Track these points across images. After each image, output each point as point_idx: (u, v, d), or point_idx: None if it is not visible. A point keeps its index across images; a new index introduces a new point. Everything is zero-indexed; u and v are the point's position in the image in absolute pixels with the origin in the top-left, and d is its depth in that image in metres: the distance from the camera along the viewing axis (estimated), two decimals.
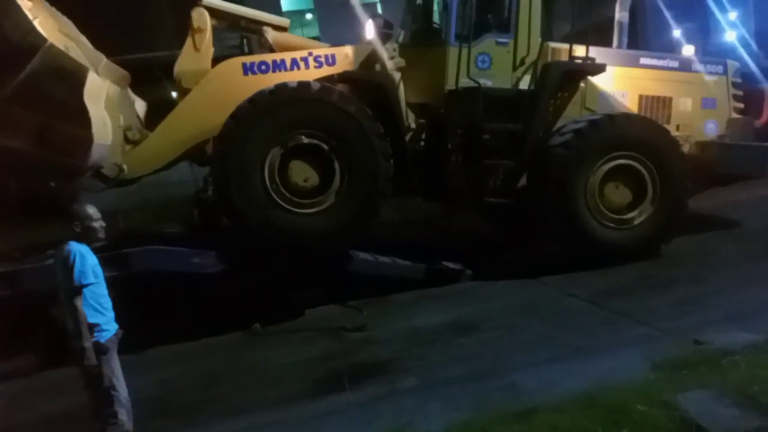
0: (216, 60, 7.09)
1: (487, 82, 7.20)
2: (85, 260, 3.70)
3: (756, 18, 16.66)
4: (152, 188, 11.75)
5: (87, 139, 5.79)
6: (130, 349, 4.08)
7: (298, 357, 5.63)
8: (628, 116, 7.45)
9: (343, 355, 5.51)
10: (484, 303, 6.51)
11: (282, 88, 6.45)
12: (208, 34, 7.00)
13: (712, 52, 12.19)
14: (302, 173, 6.54)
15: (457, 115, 7.31)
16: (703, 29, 15.72)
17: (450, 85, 7.22)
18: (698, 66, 8.24)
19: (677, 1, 13.93)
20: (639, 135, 7.18)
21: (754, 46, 13.96)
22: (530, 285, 6.96)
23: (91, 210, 3.85)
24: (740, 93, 8.31)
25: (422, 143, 7.50)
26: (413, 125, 7.41)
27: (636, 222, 7.20)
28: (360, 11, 8.32)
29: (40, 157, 5.68)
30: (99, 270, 3.81)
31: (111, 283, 3.99)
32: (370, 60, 7.11)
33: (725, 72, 8.28)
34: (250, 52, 8.34)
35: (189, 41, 6.99)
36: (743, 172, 7.87)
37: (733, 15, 16.23)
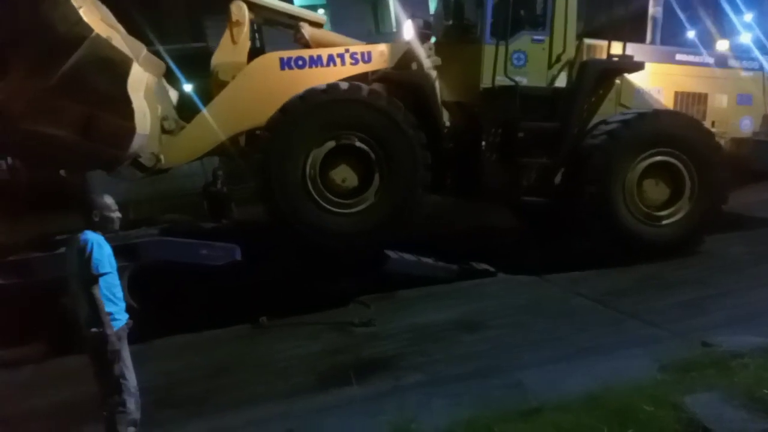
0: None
1: (522, 80, 7.17)
2: (102, 250, 3.73)
3: None
4: (162, 180, 11.86)
5: (130, 130, 5.96)
6: (139, 339, 4.10)
7: (304, 350, 5.65)
8: (670, 113, 7.43)
9: (349, 350, 5.52)
10: (490, 301, 6.50)
11: (334, 87, 6.56)
12: (246, 28, 7.17)
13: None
14: (342, 173, 6.67)
15: (493, 113, 7.30)
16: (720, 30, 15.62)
17: (485, 83, 7.21)
18: (734, 62, 8.19)
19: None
20: (679, 132, 7.14)
21: None
22: (537, 284, 6.96)
23: (109, 200, 3.88)
24: None
25: (455, 141, 7.48)
26: (447, 123, 7.44)
27: (673, 219, 7.19)
28: (399, 10, 8.32)
29: (83, 146, 5.80)
30: (113, 260, 3.84)
31: (121, 273, 4.03)
32: (406, 58, 7.21)
33: (761, 68, 8.22)
34: (262, 47, 8.40)
35: (227, 34, 7.16)
36: None
37: (748, 17, 16.10)
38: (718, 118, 7.92)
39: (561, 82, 7.36)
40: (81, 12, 5.65)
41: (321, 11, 23.79)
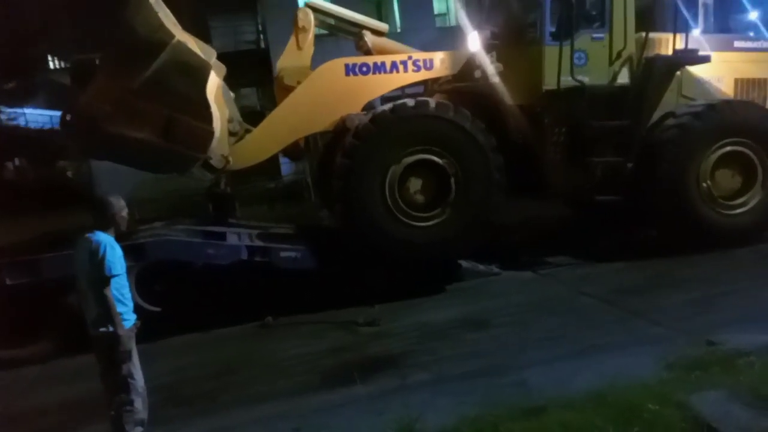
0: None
1: (584, 79, 7.18)
2: (115, 251, 3.76)
3: None
4: (168, 180, 11.92)
5: (209, 132, 6.20)
6: (146, 338, 4.13)
7: (309, 349, 5.68)
8: (740, 103, 7.43)
9: (354, 349, 5.54)
10: (496, 299, 6.51)
11: (401, 107, 6.74)
12: (311, 34, 7.46)
13: None
14: (420, 188, 6.83)
15: (558, 114, 7.33)
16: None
17: (548, 84, 7.16)
18: None
19: None
20: (750, 121, 7.20)
21: None
22: (543, 282, 6.96)
23: (120, 201, 3.91)
24: None
25: (519, 144, 7.48)
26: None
27: (747, 207, 7.27)
28: (466, 22, 8.46)
29: (164, 148, 6.01)
30: (123, 261, 3.86)
31: (129, 273, 4.05)
32: (469, 66, 7.34)
33: None
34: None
35: (292, 40, 7.45)
36: None
37: None
38: None
39: (623, 78, 7.34)
40: (162, 18, 5.87)
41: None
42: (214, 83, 6.44)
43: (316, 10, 7.57)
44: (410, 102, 6.80)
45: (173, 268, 6.47)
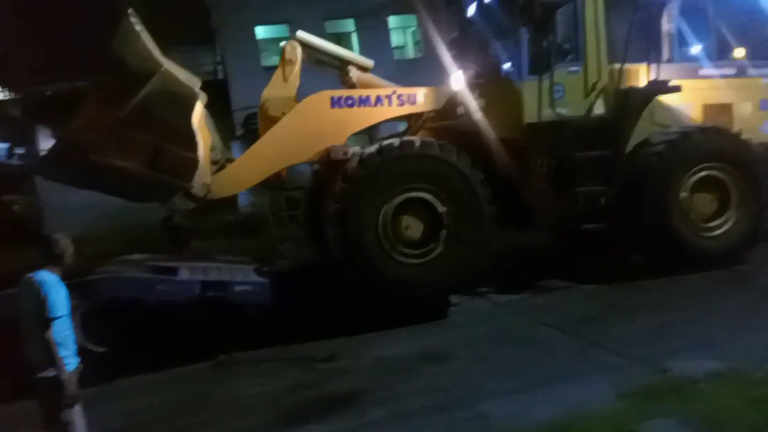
0: None
1: (562, 111, 7.44)
2: (59, 292, 3.64)
3: None
4: (123, 215, 11.61)
5: (194, 161, 6.24)
6: (95, 380, 3.96)
7: (267, 388, 5.53)
8: (712, 129, 7.73)
9: (313, 386, 5.43)
10: (454, 331, 6.51)
11: (388, 148, 6.82)
12: (297, 67, 7.59)
13: None
14: (412, 225, 6.87)
15: (540, 146, 7.55)
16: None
17: (529, 118, 7.38)
18: (754, 70, 8.65)
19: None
20: (723, 147, 7.53)
21: None
22: (502, 312, 7.01)
23: (65, 239, 3.79)
24: None
25: (503, 176, 7.61)
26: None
27: (724, 228, 7.57)
28: (449, 61, 8.69)
29: (149, 177, 6.00)
30: (67, 302, 3.72)
31: (74, 312, 3.90)
32: (452, 101, 7.61)
33: None
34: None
35: (278, 71, 7.58)
36: None
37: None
38: (743, 125, 8.28)
39: (599, 109, 7.63)
40: (150, 48, 5.87)
41: (283, 43, 24.09)
42: (198, 111, 6.47)
43: (303, 44, 7.72)
44: (396, 142, 6.92)
45: (124, 306, 6.26)
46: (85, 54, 5.64)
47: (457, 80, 7.91)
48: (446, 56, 8.97)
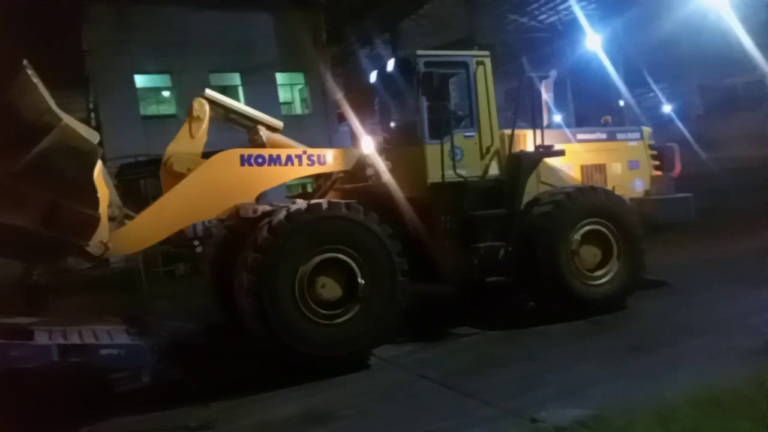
0: None
1: (462, 172, 7.93)
2: None
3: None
4: None
5: (95, 219, 5.97)
6: None
7: None
8: (591, 189, 8.52)
9: None
10: (339, 389, 6.44)
11: (296, 213, 6.78)
12: (205, 125, 7.53)
13: None
14: (328, 286, 6.90)
15: (443, 204, 7.99)
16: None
17: (432, 178, 7.85)
18: (622, 135, 9.75)
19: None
20: (602, 204, 8.33)
21: None
22: (384, 368, 7.03)
23: None
24: (655, 153, 9.76)
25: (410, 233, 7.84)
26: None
27: (607, 278, 8.28)
28: (357, 124, 8.99)
29: (42, 235, 5.63)
30: None
31: None
32: (361, 163, 7.98)
33: (642, 137, 9.82)
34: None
35: (185, 127, 7.48)
36: (676, 221, 9.29)
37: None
38: (616, 183, 9.23)
39: (493, 170, 8.30)
40: (48, 100, 5.52)
41: (166, 94, 23.46)
42: (97, 167, 6.18)
43: (211, 101, 7.68)
44: (303, 206, 6.97)
45: None
46: None
47: (366, 143, 8.33)
48: (345, 117, 9.37)
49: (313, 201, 7.15)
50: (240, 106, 8.29)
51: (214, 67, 22.77)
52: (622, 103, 26.11)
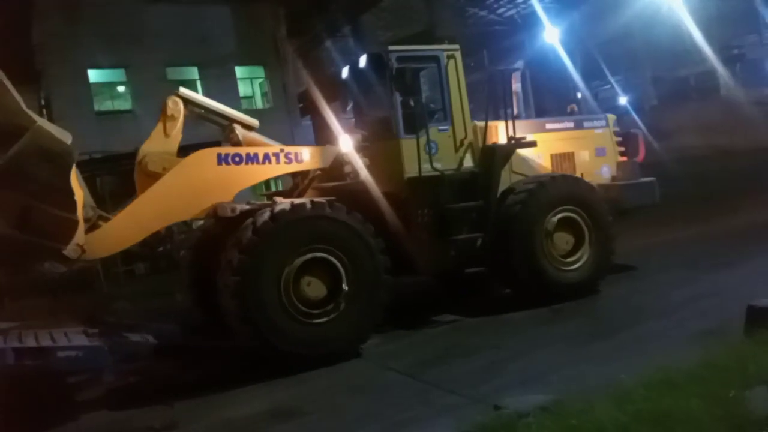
0: None
1: (438, 166, 7.99)
2: None
3: None
4: None
5: (73, 222, 5.86)
6: None
7: None
8: (563, 177, 8.74)
9: None
10: (306, 384, 6.43)
11: (281, 213, 6.76)
12: (180, 123, 7.42)
13: None
14: (314, 285, 6.91)
15: (420, 199, 8.04)
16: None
17: (409, 173, 7.90)
18: (588, 123, 9.94)
19: None
20: (573, 192, 8.53)
21: None
22: (350, 360, 7.03)
23: None
24: (620, 139, 9.96)
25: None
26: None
27: (580, 263, 8.44)
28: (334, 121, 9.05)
29: (17, 240, 5.53)
30: None
31: None
32: (339, 160, 7.98)
33: (607, 124, 10.04)
34: None
35: (159, 126, 7.34)
36: (641, 204, 9.60)
37: None
38: (584, 170, 9.41)
39: (468, 162, 8.37)
40: (19, 101, 5.37)
41: (121, 89, 22.87)
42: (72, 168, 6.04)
43: (186, 100, 7.57)
44: (287, 206, 6.94)
45: None
46: None
47: (344, 140, 8.36)
48: (309, 111, 9.42)
49: (297, 201, 7.13)
50: (215, 104, 8.22)
51: (171, 61, 22.32)
52: (579, 95, 26.67)
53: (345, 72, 9.08)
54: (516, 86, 9.66)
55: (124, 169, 7.38)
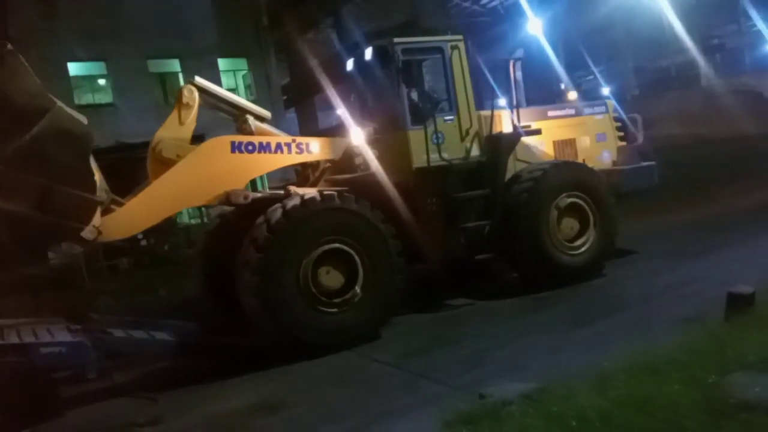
0: None
1: (445, 155, 8.10)
2: None
3: None
4: None
5: (93, 202, 6.05)
6: None
7: None
8: (567, 164, 8.92)
9: None
10: (290, 376, 6.43)
11: (311, 201, 6.98)
12: (194, 111, 7.54)
13: None
14: (331, 275, 7.05)
15: (428, 188, 8.19)
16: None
17: (417, 163, 8.02)
18: (588, 110, 10.07)
19: None
20: (579, 178, 8.66)
21: None
22: (336, 352, 7.05)
23: None
24: (619, 124, 10.10)
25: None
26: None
27: (586, 247, 8.59)
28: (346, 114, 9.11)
29: (38, 221, 5.60)
30: None
31: None
32: (349, 152, 8.18)
33: (607, 110, 10.18)
34: None
35: (174, 113, 7.48)
36: (640, 188, 9.76)
37: None
38: (585, 156, 9.55)
39: (474, 152, 8.47)
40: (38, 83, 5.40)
41: (102, 81, 22.55)
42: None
43: (201, 89, 7.67)
44: (317, 195, 7.09)
45: None
46: None
47: (355, 132, 8.44)
48: (295, 103, 9.42)
49: (307, 196, 7.21)
50: (228, 94, 8.31)
51: (152, 53, 22.04)
52: (563, 86, 26.78)
53: (349, 65, 9.11)
54: (518, 75, 9.73)
55: (104, 164, 7.24)
